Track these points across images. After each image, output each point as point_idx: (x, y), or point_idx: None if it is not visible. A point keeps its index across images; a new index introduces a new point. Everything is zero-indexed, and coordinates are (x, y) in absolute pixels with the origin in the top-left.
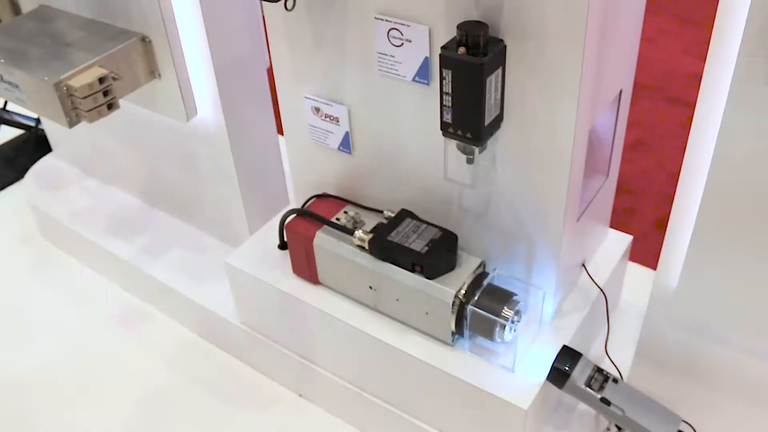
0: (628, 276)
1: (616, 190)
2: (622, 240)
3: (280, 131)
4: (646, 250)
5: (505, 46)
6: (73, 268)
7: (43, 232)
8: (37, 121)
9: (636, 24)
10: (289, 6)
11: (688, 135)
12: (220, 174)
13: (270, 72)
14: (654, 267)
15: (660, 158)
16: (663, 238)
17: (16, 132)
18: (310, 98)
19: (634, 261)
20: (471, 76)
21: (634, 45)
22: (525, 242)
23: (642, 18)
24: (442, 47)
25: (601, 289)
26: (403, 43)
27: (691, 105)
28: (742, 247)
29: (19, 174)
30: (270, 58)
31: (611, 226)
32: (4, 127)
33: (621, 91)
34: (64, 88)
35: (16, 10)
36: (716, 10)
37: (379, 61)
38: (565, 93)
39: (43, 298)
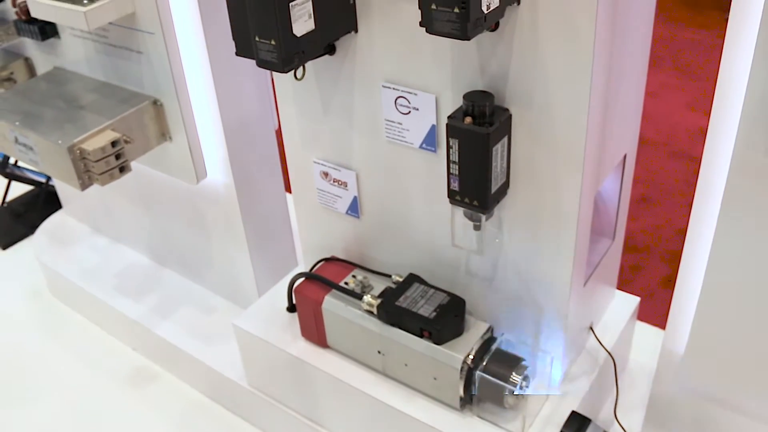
0: (637, 336)
1: (622, 247)
2: (630, 302)
3: (289, 189)
4: (655, 309)
5: (511, 115)
6: (81, 326)
7: (52, 289)
8: (48, 177)
9: (638, 89)
10: (298, 75)
11: (693, 190)
12: (229, 235)
13: (279, 133)
14: (662, 325)
15: (666, 214)
16: (671, 295)
17: (26, 188)
18: (318, 163)
19: (642, 320)
20: (477, 145)
21: (637, 110)
22: (532, 307)
23: (644, 82)
24: (449, 117)
25: (609, 353)
26: (410, 111)
27: (696, 159)
28: (750, 310)
29: (29, 230)
30: (278, 119)
31: (618, 284)
32: (14, 183)
33: (625, 155)
34: (78, 152)
35: (31, 71)
36: (719, 66)
37: (386, 128)
38: (570, 160)
39: (50, 356)
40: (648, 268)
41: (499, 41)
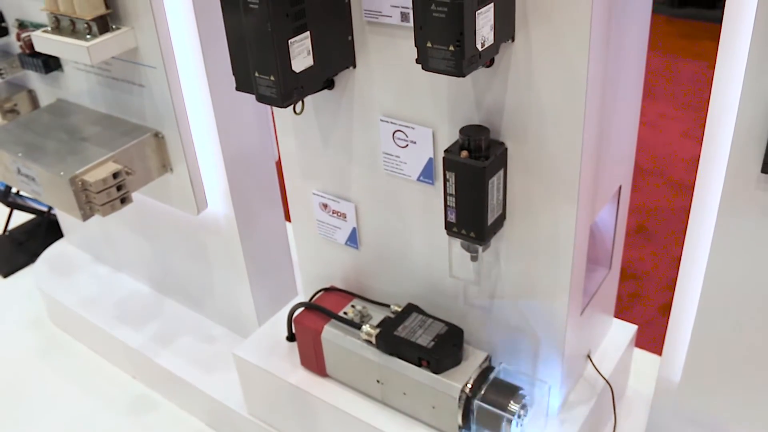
0: (635, 363)
1: (620, 275)
2: (627, 330)
3: (289, 218)
4: (653, 336)
5: (506, 149)
6: (81, 355)
7: (53, 318)
8: (50, 206)
9: (632, 121)
10: (297, 110)
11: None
12: (229, 265)
13: (279, 164)
14: (661, 352)
15: (664, 243)
16: (668, 324)
17: (28, 216)
18: (318, 194)
19: (641, 347)
20: (474, 178)
21: (631, 142)
22: (530, 336)
23: (638, 114)
24: (446, 150)
25: (607, 381)
26: (407, 145)
27: (693, 188)
28: (744, 337)
29: (30, 258)
30: (279, 150)
31: (617, 312)
32: (16, 211)
33: (620, 187)
34: (79, 183)
35: (34, 103)
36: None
37: (384, 161)
38: (565, 193)
39: (50, 384)
40: (646, 296)
41: (495, 77)
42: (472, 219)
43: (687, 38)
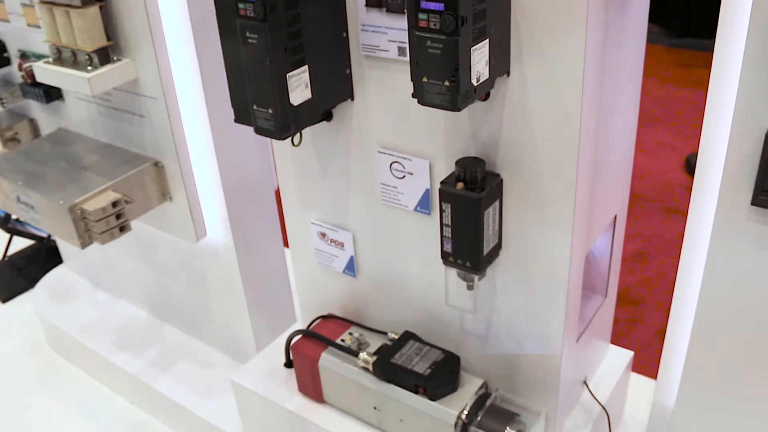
0: (632, 388)
1: (618, 300)
2: (624, 356)
3: (287, 243)
4: (651, 361)
5: (502, 180)
6: (80, 380)
7: (51, 343)
8: (49, 233)
9: (628, 151)
10: (295, 142)
11: None
12: (227, 291)
13: (278, 192)
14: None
15: (661, 268)
16: (663, 349)
17: (27, 242)
18: (316, 224)
19: (639, 372)
20: (469, 209)
21: (626, 171)
22: (526, 363)
23: (633, 144)
24: (442, 182)
25: (603, 407)
26: (404, 176)
27: None
28: (737, 363)
29: (29, 284)
30: (278, 178)
31: (614, 337)
32: (16, 237)
33: (615, 216)
34: (78, 211)
35: (35, 131)
36: None
37: (382, 191)
38: (561, 223)
39: (49, 410)
40: (644, 321)
41: (490, 110)
42: (468, 249)
43: (686, 67)
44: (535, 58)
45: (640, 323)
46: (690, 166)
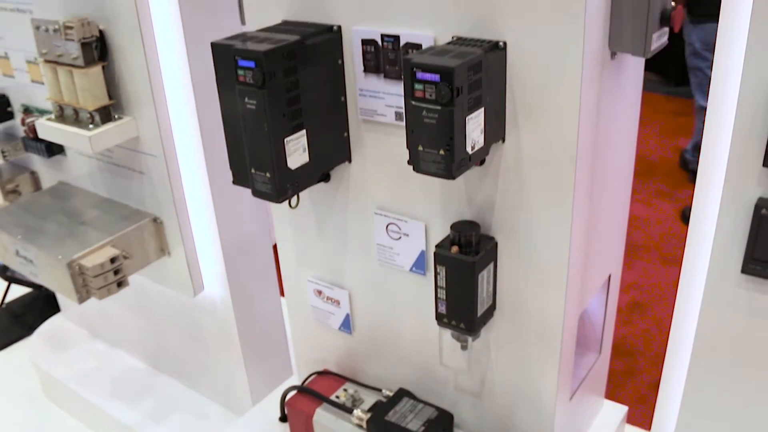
0: None
1: (613, 352)
2: (618, 411)
3: (283, 293)
4: (647, 413)
5: (497, 243)
6: (75, 430)
7: (47, 393)
8: None
9: (622, 211)
10: (293, 204)
11: None
12: (224, 344)
13: (275, 247)
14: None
15: (657, 319)
16: (656, 403)
17: (26, 289)
18: (313, 281)
19: (635, 424)
20: (464, 273)
21: (621, 231)
22: (520, 422)
23: (628, 203)
24: (437, 246)
25: None
26: (400, 237)
27: None
28: (731, 418)
29: (26, 331)
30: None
31: (609, 389)
32: (14, 284)
33: (610, 276)
34: (77, 267)
35: (36, 184)
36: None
37: (378, 252)
38: (554, 285)
39: None
40: (640, 373)
41: (485, 175)
42: (462, 311)
43: (684, 115)
44: (529, 124)
45: (635, 375)
46: (685, 218)
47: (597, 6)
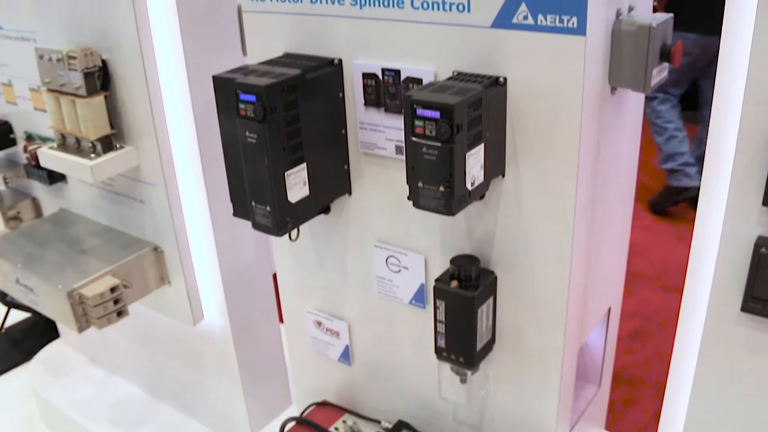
0: None
1: (614, 381)
2: None
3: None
4: None
5: (496, 278)
6: None
7: (45, 419)
8: None
9: (621, 244)
10: (293, 237)
11: None
12: (223, 373)
13: (275, 276)
14: None
15: (659, 348)
16: None
17: (25, 314)
18: (312, 312)
19: None
20: (463, 307)
21: (620, 264)
22: None
23: (628, 235)
24: (437, 280)
25: None
26: (400, 270)
27: None
28: None
29: (25, 357)
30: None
31: (610, 420)
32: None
33: (610, 308)
34: (77, 296)
35: (37, 210)
36: None
37: (378, 284)
38: (553, 320)
39: None
40: (640, 403)
41: (485, 209)
42: (462, 345)
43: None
44: (530, 159)
45: (636, 405)
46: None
47: (597, 42)
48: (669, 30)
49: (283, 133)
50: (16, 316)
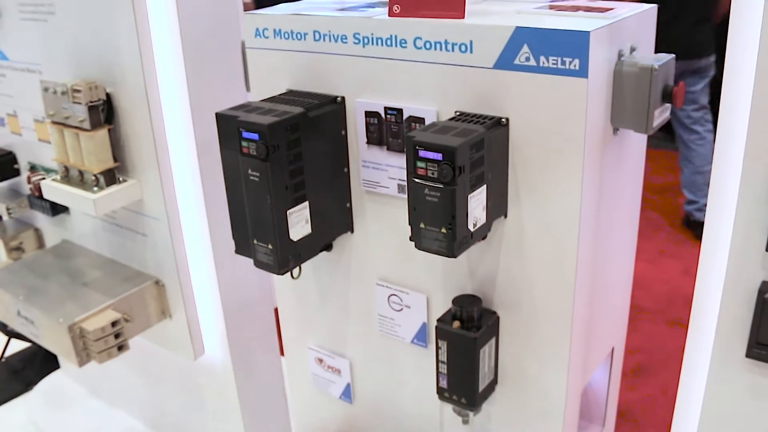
0: None
1: (617, 419)
2: None
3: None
4: None
5: (498, 318)
6: None
7: None
8: None
9: (625, 284)
10: (295, 275)
11: None
12: (224, 408)
13: (277, 311)
14: None
15: (662, 384)
16: None
17: (25, 343)
18: (313, 349)
19: None
20: (465, 348)
21: (624, 303)
22: None
23: (631, 275)
24: (438, 320)
25: None
26: (402, 308)
27: None
28: None
29: (24, 387)
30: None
31: None
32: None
33: (613, 349)
34: (78, 330)
35: (40, 241)
36: None
37: (379, 322)
38: (556, 360)
39: None
40: None
41: (487, 250)
42: (464, 386)
43: None
44: (532, 200)
45: None
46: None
47: (599, 83)
48: (671, 71)
49: (286, 172)
50: (16, 345)
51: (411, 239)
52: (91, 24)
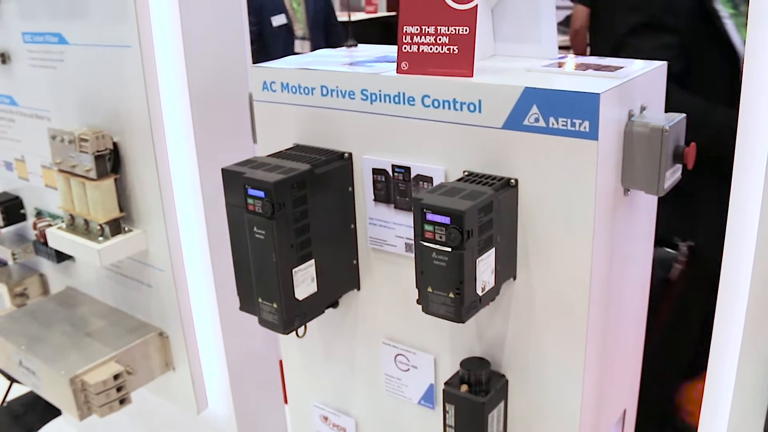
0: None
1: None
2: None
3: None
4: None
5: (507, 382)
6: None
7: None
8: None
9: (637, 343)
10: (300, 334)
11: None
12: None
13: (282, 364)
14: None
15: None
16: None
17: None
18: (319, 407)
19: None
20: (473, 413)
21: (636, 363)
22: None
23: (643, 334)
24: (446, 383)
25: None
26: (409, 369)
27: None
28: None
29: None
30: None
31: None
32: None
33: (625, 411)
34: (79, 383)
35: (44, 287)
36: None
37: (386, 382)
38: (566, 424)
39: None
40: None
41: (496, 311)
42: None
43: None
44: (541, 262)
45: None
46: None
47: (609, 144)
48: (682, 131)
49: (292, 230)
50: (18, 389)
51: (418, 302)
52: (100, 73)
